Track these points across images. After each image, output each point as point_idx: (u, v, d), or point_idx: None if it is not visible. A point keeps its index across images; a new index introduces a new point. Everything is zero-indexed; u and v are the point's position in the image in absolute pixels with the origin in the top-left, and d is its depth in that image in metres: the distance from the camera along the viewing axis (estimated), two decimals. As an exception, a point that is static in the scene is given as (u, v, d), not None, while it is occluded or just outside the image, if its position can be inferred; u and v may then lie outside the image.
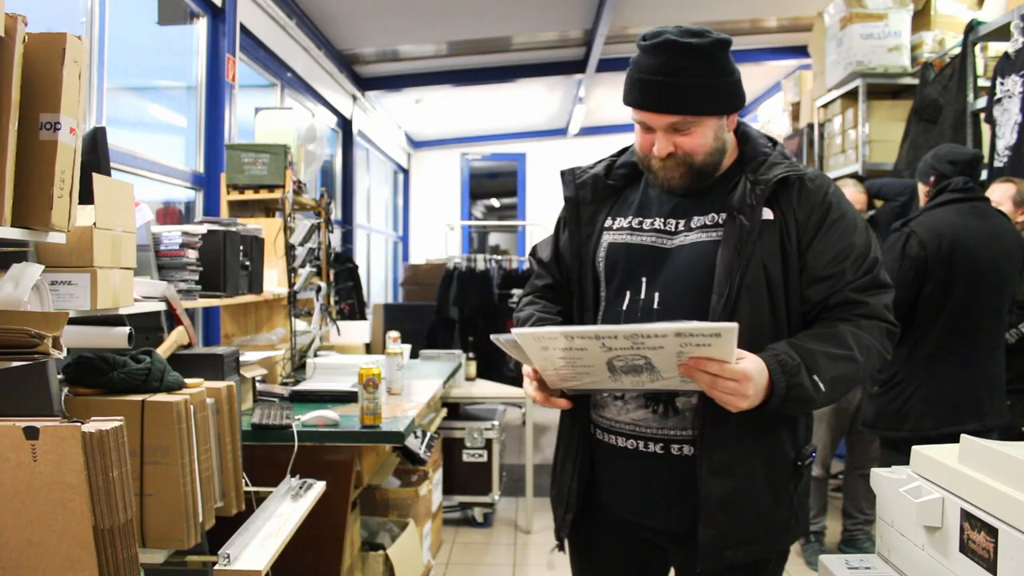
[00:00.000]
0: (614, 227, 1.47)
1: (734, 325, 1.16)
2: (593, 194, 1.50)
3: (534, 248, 1.65)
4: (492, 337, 1.35)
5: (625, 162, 1.52)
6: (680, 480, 1.37)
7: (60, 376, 1.64)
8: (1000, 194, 2.94)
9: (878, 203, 3.98)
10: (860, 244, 1.38)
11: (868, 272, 1.38)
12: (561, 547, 1.56)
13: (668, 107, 1.33)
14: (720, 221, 1.37)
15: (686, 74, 1.31)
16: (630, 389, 1.34)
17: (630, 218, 1.46)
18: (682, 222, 1.41)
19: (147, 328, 2.04)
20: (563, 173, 1.54)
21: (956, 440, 1.32)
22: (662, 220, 1.43)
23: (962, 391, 2.61)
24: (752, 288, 1.32)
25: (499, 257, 7.23)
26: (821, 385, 1.27)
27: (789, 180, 1.36)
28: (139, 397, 1.62)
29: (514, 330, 1.25)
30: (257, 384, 2.72)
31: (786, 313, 1.36)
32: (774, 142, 1.46)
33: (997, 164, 3.37)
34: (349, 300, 5.21)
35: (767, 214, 1.35)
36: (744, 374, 1.22)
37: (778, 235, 1.34)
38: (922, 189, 2.86)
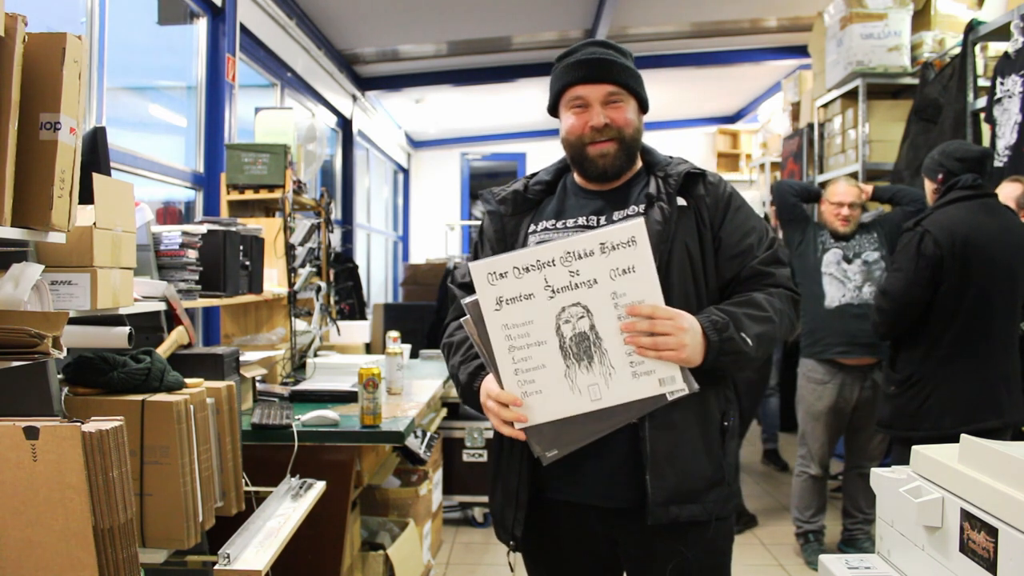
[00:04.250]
0: (538, 230, 1.59)
1: (640, 220, 1.32)
2: (514, 208, 1.62)
3: (452, 276, 1.71)
4: (463, 302, 1.40)
5: (540, 180, 1.66)
6: (630, 449, 1.46)
7: (60, 376, 1.64)
8: (1005, 195, 2.94)
9: (881, 206, 3.98)
10: (759, 227, 1.59)
11: (770, 248, 1.56)
12: (517, 547, 1.58)
13: (606, 77, 1.52)
14: (640, 211, 1.53)
15: (615, 57, 1.54)
16: (585, 407, 1.37)
17: (553, 220, 1.59)
18: (603, 218, 1.55)
19: (147, 328, 2.04)
20: (481, 193, 1.68)
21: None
22: (584, 219, 1.57)
23: (980, 389, 2.61)
24: (678, 263, 1.49)
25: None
26: (748, 340, 1.42)
27: (694, 175, 1.56)
28: (139, 397, 1.62)
29: (471, 264, 1.36)
30: (257, 384, 2.72)
31: (705, 285, 1.52)
32: (670, 156, 1.66)
33: (997, 164, 3.37)
34: (349, 300, 5.21)
35: (681, 201, 1.53)
36: (677, 312, 1.35)
37: (693, 218, 1.53)
38: (929, 186, 2.85)
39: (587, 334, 1.33)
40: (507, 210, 1.62)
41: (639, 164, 1.61)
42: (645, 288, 1.32)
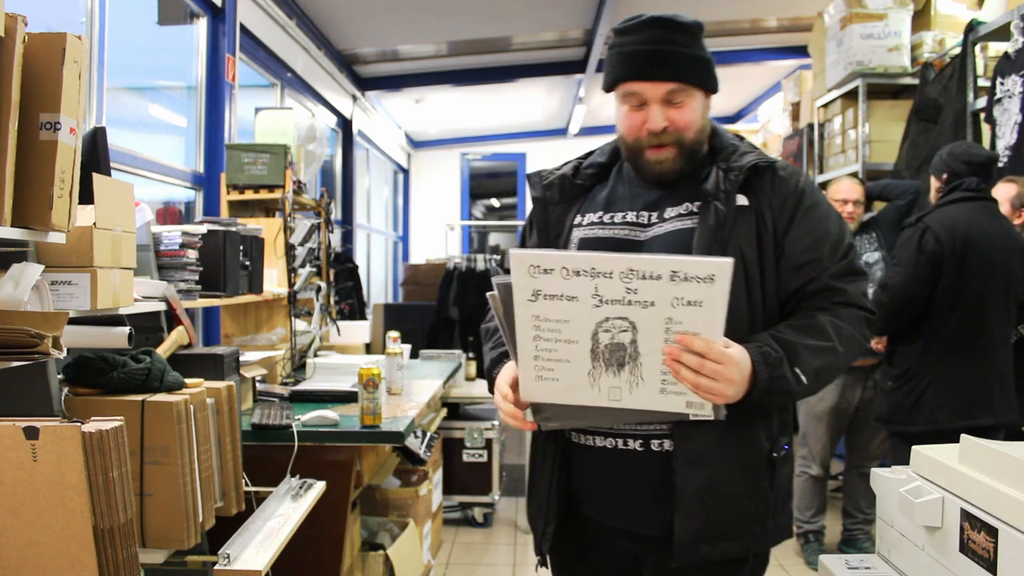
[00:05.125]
0: (584, 223, 1.46)
1: (729, 260, 1.13)
2: (561, 194, 1.49)
3: (502, 256, 1.63)
4: (494, 280, 1.28)
5: (593, 162, 1.52)
6: (659, 477, 1.34)
7: (60, 376, 1.64)
8: (1001, 195, 2.95)
9: (878, 205, 3.98)
10: (835, 231, 1.38)
11: (844, 257, 1.37)
12: (544, 562, 1.52)
13: (665, 74, 1.33)
14: (695, 209, 1.37)
15: (678, 44, 1.34)
16: (601, 403, 1.28)
17: (600, 213, 1.45)
18: (655, 214, 1.41)
19: (147, 328, 2.04)
20: (530, 176, 1.54)
21: (969, 434, 1.32)
22: (634, 214, 1.42)
23: (975, 385, 2.65)
24: None
25: (499, 257, 7.22)
26: (803, 377, 1.27)
27: (761, 168, 1.37)
28: (139, 397, 1.62)
29: (512, 251, 1.22)
30: (257, 384, 2.72)
31: (761, 298, 1.35)
32: (740, 137, 1.48)
33: (997, 164, 3.37)
34: (349, 300, 5.21)
35: (741, 200, 1.35)
36: (730, 357, 1.19)
37: (754, 221, 1.35)
38: (934, 184, 2.91)
39: (625, 346, 1.22)
40: (553, 196, 1.49)
41: (705, 148, 1.44)
42: (706, 324, 1.20)
